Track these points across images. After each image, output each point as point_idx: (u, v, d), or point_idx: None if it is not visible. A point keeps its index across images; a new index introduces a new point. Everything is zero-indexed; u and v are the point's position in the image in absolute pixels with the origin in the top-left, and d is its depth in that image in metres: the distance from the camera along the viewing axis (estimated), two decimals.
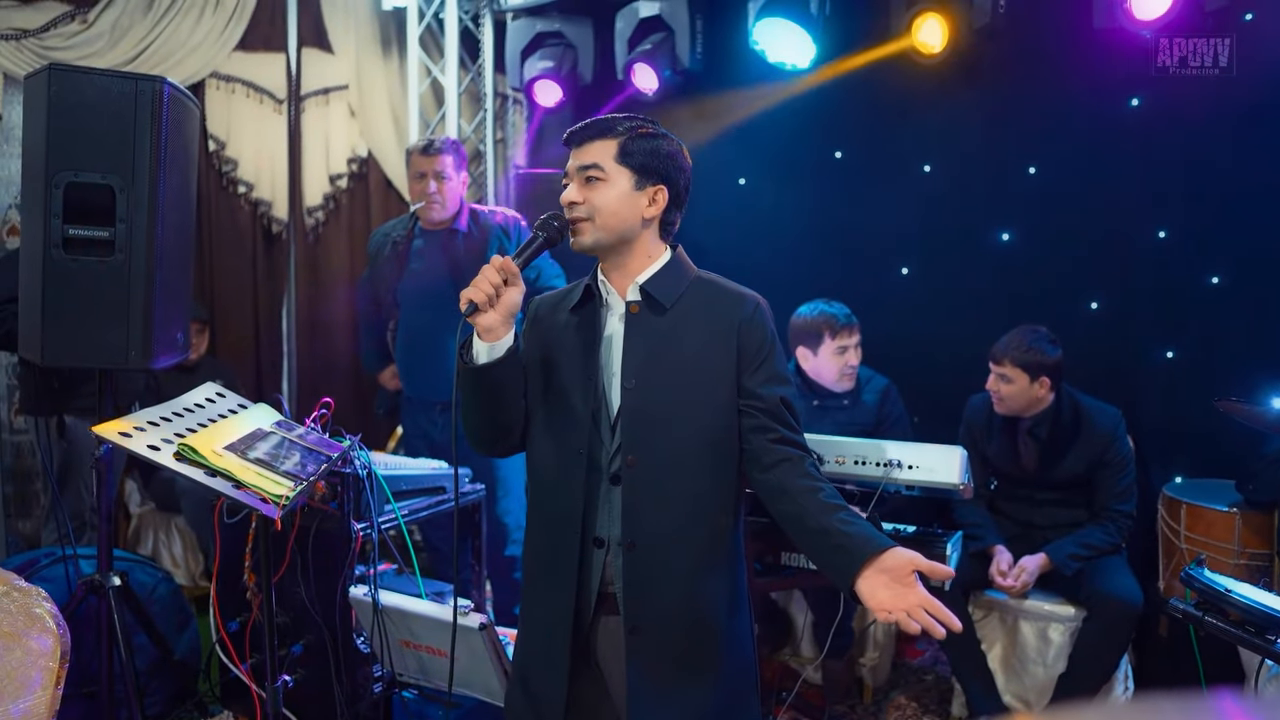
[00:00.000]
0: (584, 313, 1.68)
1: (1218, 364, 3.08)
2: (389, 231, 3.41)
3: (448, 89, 4.48)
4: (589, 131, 1.63)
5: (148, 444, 1.68)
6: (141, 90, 2.31)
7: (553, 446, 1.64)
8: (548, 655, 1.63)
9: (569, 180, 1.65)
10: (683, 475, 1.59)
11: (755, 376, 1.61)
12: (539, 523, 1.69)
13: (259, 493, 1.68)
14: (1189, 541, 2.85)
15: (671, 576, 1.59)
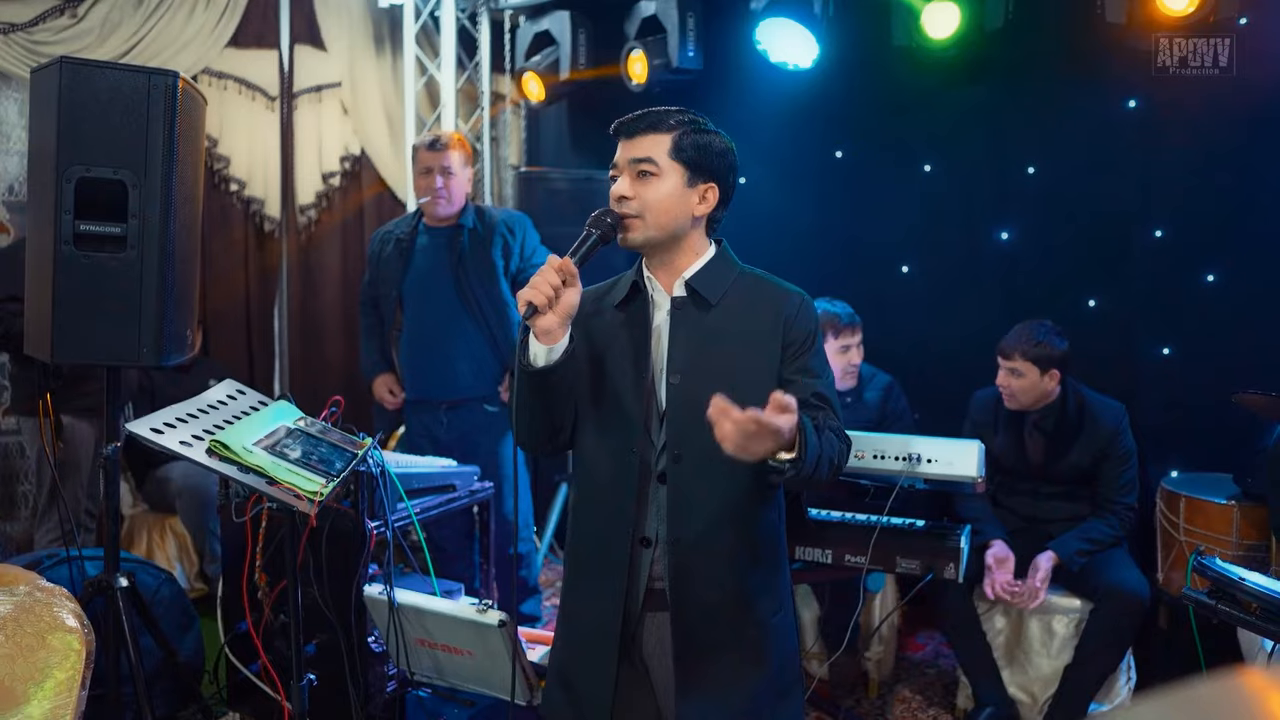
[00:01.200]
0: (631, 309, 1.66)
1: (1213, 360, 3.14)
2: (391, 230, 3.39)
3: (445, 87, 4.46)
4: (641, 123, 1.60)
5: (180, 440, 1.67)
6: (154, 84, 2.28)
7: (604, 445, 1.63)
8: (594, 652, 1.63)
9: (618, 173, 1.63)
10: (728, 472, 1.57)
11: (792, 366, 1.62)
12: (588, 521, 1.67)
13: (293, 489, 1.67)
14: (1188, 534, 2.91)
15: (719, 572, 1.60)
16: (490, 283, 3.18)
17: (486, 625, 2.36)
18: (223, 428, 1.79)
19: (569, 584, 1.73)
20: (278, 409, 2.01)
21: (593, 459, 1.65)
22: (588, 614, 1.66)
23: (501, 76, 4.75)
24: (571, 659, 1.70)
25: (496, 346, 3.24)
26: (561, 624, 1.75)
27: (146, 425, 1.69)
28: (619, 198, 1.61)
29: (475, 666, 2.51)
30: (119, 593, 2.49)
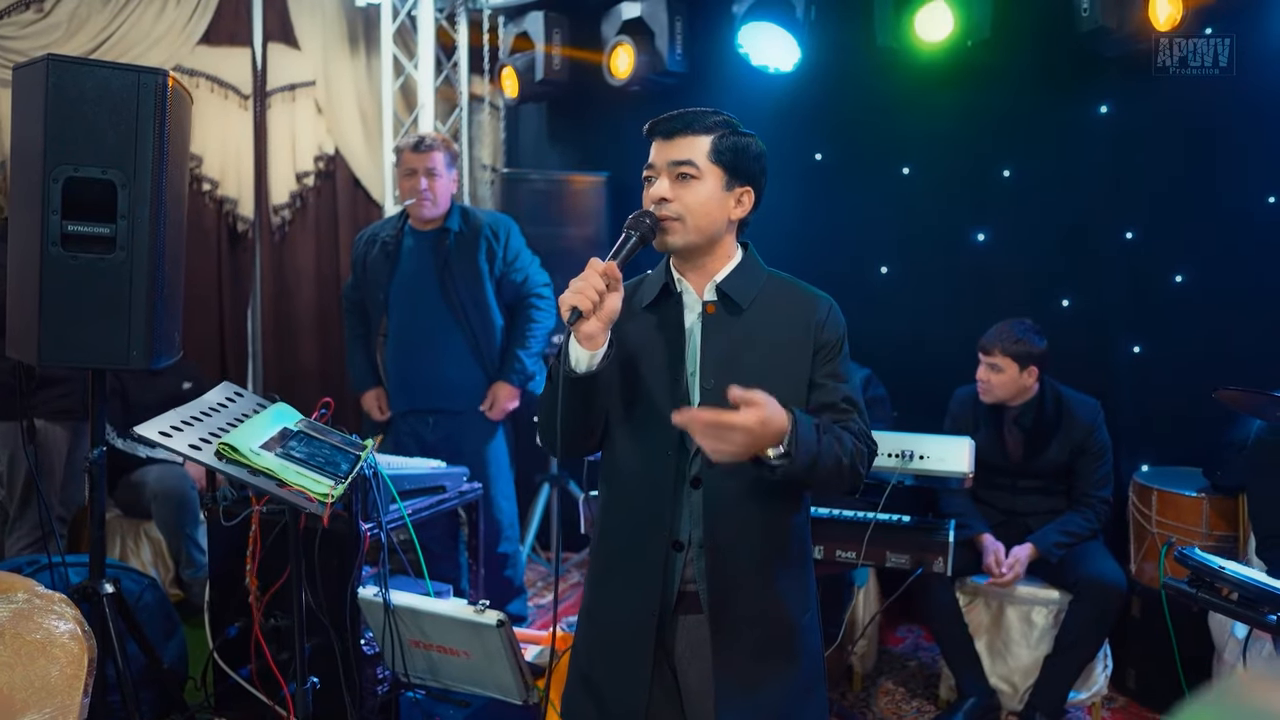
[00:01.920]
0: (661, 312, 1.65)
1: (1182, 358, 3.25)
2: (376, 233, 3.36)
3: (423, 87, 4.44)
4: (679, 124, 1.59)
5: (189, 444, 1.65)
6: (144, 83, 2.25)
7: (638, 448, 1.62)
8: (625, 655, 1.63)
9: (655, 174, 1.61)
10: (761, 476, 1.59)
11: (821, 371, 1.63)
12: (618, 523, 1.67)
13: (304, 491, 1.66)
14: (1160, 526, 3.01)
15: (753, 575, 1.61)
16: (476, 287, 3.18)
17: (485, 625, 2.38)
18: (227, 430, 1.77)
19: (595, 586, 1.72)
20: (277, 411, 2.00)
21: (625, 462, 1.64)
22: (617, 616, 1.65)
23: (479, 78, 4.73)
24: (599, 661, 1.69)
25: (480, 350, 3.23)
26: (586, 626, 1.74)
27: (155, 429, 1.68)
28: (659, 199, 1.59)
29: (471, 667, 2.52)
30: (105, 599, 2.45)
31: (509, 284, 3.24)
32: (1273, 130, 3.07)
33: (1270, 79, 3.04)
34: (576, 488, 4.25)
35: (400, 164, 3.22)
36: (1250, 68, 3.05)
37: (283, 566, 2.59)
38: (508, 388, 3.25)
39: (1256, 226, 3.12)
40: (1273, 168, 3.09)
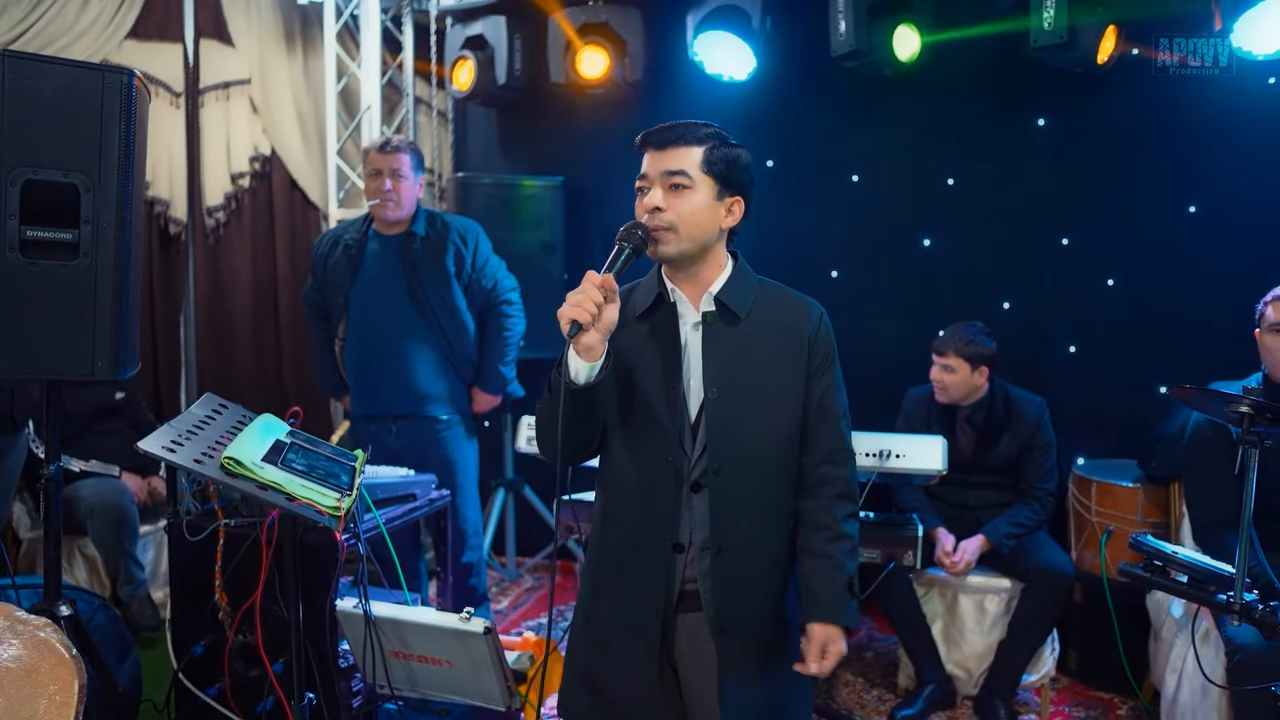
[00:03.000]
0: (656, 321, 1.68)
1: (1113, 357, 3.47)
2: (339, 235, 3.29)
3: (369, 88, 4.35)
4: (671, 135, 1.63)
5: (193, 458, 1.61)
6: (109, 83, 2.16)
7: (637, 456, 1.65)
8: (630, 652, 1.66)
9: (648, 184, 1.64)
10: (763, 481, 1.66)
11: (820, 382, 1.69)
12: (619, 527, 1.69)
13: (313, 504, 1.63)
14: (1099, 515, 3.19)
15: (755, 577, 1.67)
16: (445, 290, 3.15)
17: (472, 633, 2.36)
18: (223, 444, 1.73)
19: (596, 586, 1.75)
20: (265, 423, 1.95)
21: (623, 467, 1.67)
22: (620, 615, 1.68)
23: (422, 81, 4.67)
24: (602, 659, 1.72)
25: (452, 355, 3.20)
26: (585, 625, 1.77)
27: (158, 445, 1.62)
28: (653, 209, 1.61)
29: (453, 675, 2.50)
30: (63, 622, 2.34)
31: (478, 290, 3.22)
32: (1190, 145, 3.30)
33: (1190, 97, 3.26)
34: (532, 493, 4.24)
35: (366, 164, 3.16)
36: (1172, 86, 3.27)
37: (252, 581, 2.53)
38: (487, 395, 3.24)
39: (1179, 234, 3.35)
40: (1192, 180, 3.32)
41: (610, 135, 4.16)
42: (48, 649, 1.69)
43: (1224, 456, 2.57)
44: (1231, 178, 3.26)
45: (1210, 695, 2.57)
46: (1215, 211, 3.30)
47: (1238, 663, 2.32)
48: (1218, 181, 3.28)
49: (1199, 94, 3.25)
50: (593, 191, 4.19)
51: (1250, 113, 3.20)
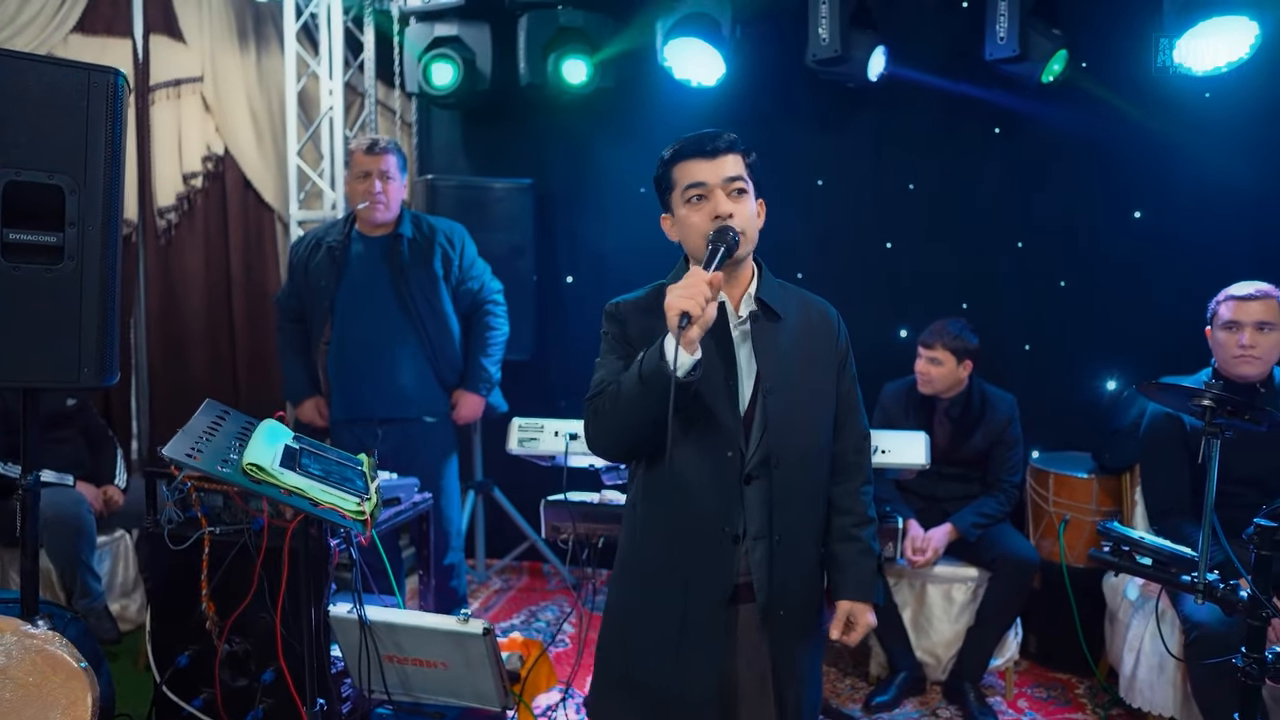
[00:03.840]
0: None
1: (1066, 354, 3.65)
2: (320, 237, 3.24)
3: (332, 90, 4.29)
4: (723, 143, 1.70)
5: (218, 465, 1.59)
6: (95, 83, 2.11)
7: (698, 451, 1.70)
8: (689, 650, 1.70)
9: (707, 191, 1.68)
10: (812, 472, 1.77)
11: (845, 377, 1.83)
12: (671, 526, 1.73)
13: (338, 509, 1.63)
14: (1056, 505, 3.36)
15: (803, 564, 1.77)
16: (432, 293, 3.13)
17: (470, 635, 2.38)
18: (235, 450, 1.71)
19: (643, 590, 1.77)
20: (270, 428, 1.93)
21: (681, 466, 1.70)
22: (674, 614, 1.70)
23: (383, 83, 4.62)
24: (652, 661, 1.74)
25: (436, 358, 3.19)
26: (625, 626, 1.80)
27: (181, 452, 1.60)
28: (726, 214, 1.66)
29: (448, 677, 2.51)
30: None
31: (465, 292, 3.22)
32: (1135, 155, 3.49)
33: (1134, 110, 3.45)
34: (502, 495, 4.24)
35: (353, 166, 3.12)
36: (1118, 99, 3.46)
37: (237, 590, 2.50)
38: (474, 397, 3.23)
39: (1125, 238, 3.54)
40: (1137, 188, 3.52)
41: (578, 139, 4.19)
42: (57, 663, 1.65)
43: (1178, 448, 2.74)
44: (1173, 186, 3.47)
45: (1166, 671, 2.73)
46: (1158, 217, 3.50)
47: (1195, 639, 2.47)
48: (1160, 189, 3.48)
49: (1142, 107, 3.44)
50: (562, 194, 4.22)
51: (1189, 125, 3.41)
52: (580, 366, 4.33)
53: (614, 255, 4.23)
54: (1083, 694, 3.24)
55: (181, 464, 1.59)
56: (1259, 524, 2.07)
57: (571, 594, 4.21)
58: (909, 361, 3.45)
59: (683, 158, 1.72)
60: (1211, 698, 2.46)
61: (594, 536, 2.76)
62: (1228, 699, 2.41)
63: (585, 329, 4.32)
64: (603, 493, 2.91)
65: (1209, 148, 3.40)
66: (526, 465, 4.07)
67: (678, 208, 1.75)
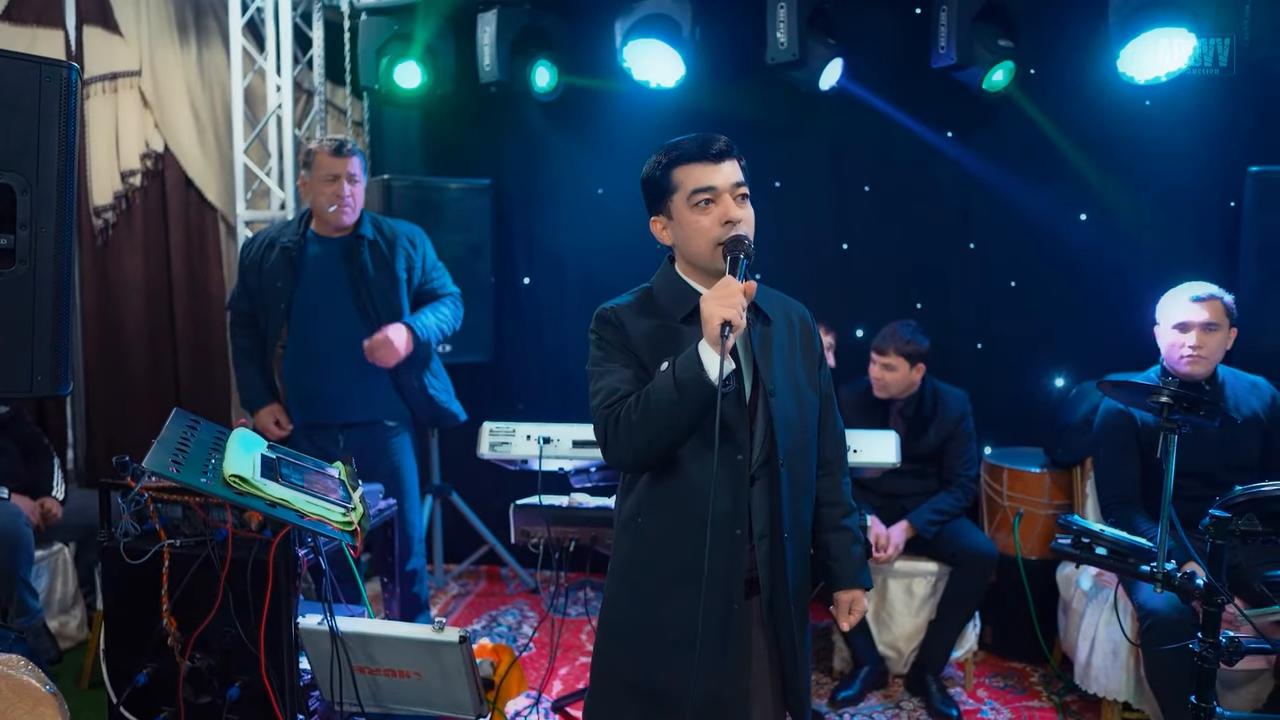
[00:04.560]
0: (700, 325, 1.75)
1: (1015, 353, 3.76)
2: (274, 238, 3.14)
3: (282, 87, 4.18)
4: (726, 148, 1.72)
5: (201, 479, 1.53)
6: (48, 76, 1.98)
7: (706, 452, 1.67)
8: (707, 651, 1.69)
9: (715, 196, 1.70)
10: (806, 469, 1.82)
11: (823, 374, 1.88)
12: (688, 525, 1.72)
13: (326, 520, 1.59)
14: (1010, 499, 3.46)
15: (801, 558, 1.82)
16: (393, 296, 3.07)
17: (446, 643, 2.34)
18: (213, 461, 1.65)
19: (658, 596, 1.76)
20: (243, 437, 1.87)
21: (688, 469, 1.71)
22: (688, 617, 1.68)
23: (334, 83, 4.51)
24: (666, 666, 1.74)
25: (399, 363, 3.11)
26: (638, 638, 1.79)
27: (163, 464, 1.53)
28: (736, 220, 1.69)
29: (422, 687, 2.46)
30: None
31: (426, 294, 3.16)
32: (1080, 159, 3.62)
33: (1079, 115, 3.58)
34: (460, 499, 4.18)
35: (317, 168, 3.03)
36: (1064, 105, 3.58)
37: (199, 603, 2.41)
38: (401, 327, 3.04)
39: (1072, 239, 3.67)
40: (1082, 191, 3.65)
41: (536, 138, 4.16)
42: (23, 689, 1.58)
43: (1129, 443, 2.85)
44: (1115, 189, 3.60)
45: (1120, 657, 2.84)
46: (1102, 219, 3.63)
47: (1150, 626, 2.57)
48: (1104, 192, 3.62)
49: (1087, 113, 3.57)
50: (519, 195, 4.18)
51: (1130, 131, 3.55)
52: (539, 369, 4.35)
53: (572, 256, 4.21)
54: (1037, 682, 3.35)
55: (164, 476, 1.53)
56: (1214, 515, 2.16)
57: (531, 597, 4.18)
58: (865, 360, 3.52)
59: (686, 161, 1.72)
60: (1165, 681, 2.56)
61: (565, 540, 2.74)
62: (1180, 682, 2.52)
63: (543, 331, 4.31)
64: (572, 495, 2.90)
65: (1147, 151, 3.54)
66: (483, 469, 4.03)
67: (680, 211, 1.74)
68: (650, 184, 1.81)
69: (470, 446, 4.34)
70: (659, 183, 1.76)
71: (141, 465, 2.04)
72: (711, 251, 1.71)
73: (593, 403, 1.77)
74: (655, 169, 1.78)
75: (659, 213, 1.81)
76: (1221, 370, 2.80)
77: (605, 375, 1.76)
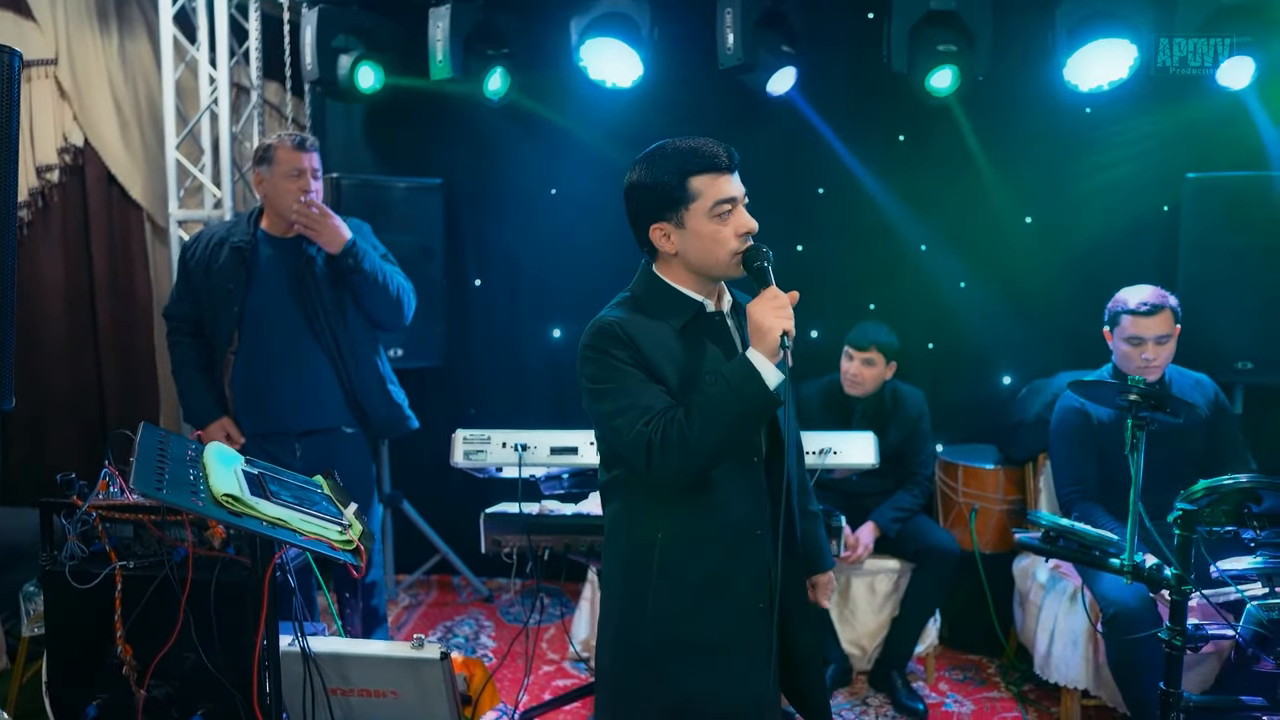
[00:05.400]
0: (705, 330, 1.76)
1: (965, 352, 3.85)
2: (223, 236, 2.97)
3: (217, 80, 3.98)
4: (732, 154, 1.75)
5: (194, 499, 1.42)
6: None
7: (730, 459, 1.71)
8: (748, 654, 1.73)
9: (734, 206, 1.74)
10: (801, 467, 1.88)
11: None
12: (712, 536, 1.72)
13: (325, 539, 1.50)
14: (965, 495, 3.54)
15: (797, 551, 1.86)
16: (345, 296, 2.93)
17: (426, 660, 2.26)
18: (196, 480, 1.55)
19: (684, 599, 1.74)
20: (218, 451, 1.76)
21: (717, 479, 1.71)
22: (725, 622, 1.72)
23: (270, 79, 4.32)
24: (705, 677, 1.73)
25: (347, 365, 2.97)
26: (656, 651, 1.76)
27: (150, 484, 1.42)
28: (755, 231, 1.77)
29: (400, 706, 2.38)
30: None
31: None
32: (1025, 163, 3.73)
33: (1024, 121, 3.69)
34: (411, 508, 4.06)
35: (278, 163, 2.86)
36: (1010, 110, 3.69)
37: (159, 628, 2.27)
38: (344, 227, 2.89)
39: (1018, 241, 3.78)
40: (1028, 194, 3.76)
41: (487, 137, 4.07)
42: None
43: (1085, 440, 2.95)
44: (1058, 192, 3.73)
45: (1079, 647, 2.93)
46: (1047, 222, 3.75)
47: (1113, 615, 2.66)
48: (1048, 196, 3.74)
49: (1031, 119, 3.69)
50: (471, 195, 4.08)
51: (1072, 137, 3.68)
52: (489, 374, 4.25)
53: (525, 258, 4.14)
54: (994, 673, 3.44)
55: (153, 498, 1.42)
56: (1181, 508, 2.25)
57: (485, 606, 4.09)
58: (821, 362, 3.57)
59: (707, 170, 1.71)
60: (1127, 669, 2.66)
61: (539, 548, 2.68)
62: (1142, 669, 2.62)
63: (495, 334, 4.22)
64: (542, 503, 2.84)
65: (1088, 156, 3.67)
66: (433, 477, 3.93)
67: (699, 221, 1.72)
68: (658, 189, 1.74)
69: (418, 454, 4.23)
70: (671, 190, 1.72)
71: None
72: (729, 261, 1.73)
73: (614, 422, 1.69)
74: (668, 175, 1.73)
75: (663, 220, 1.75)
76: (1169, 369, 2.92)
77: (625, 393, 1.70)
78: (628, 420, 1.64)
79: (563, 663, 3.55)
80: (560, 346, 4.17)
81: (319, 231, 2.84)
